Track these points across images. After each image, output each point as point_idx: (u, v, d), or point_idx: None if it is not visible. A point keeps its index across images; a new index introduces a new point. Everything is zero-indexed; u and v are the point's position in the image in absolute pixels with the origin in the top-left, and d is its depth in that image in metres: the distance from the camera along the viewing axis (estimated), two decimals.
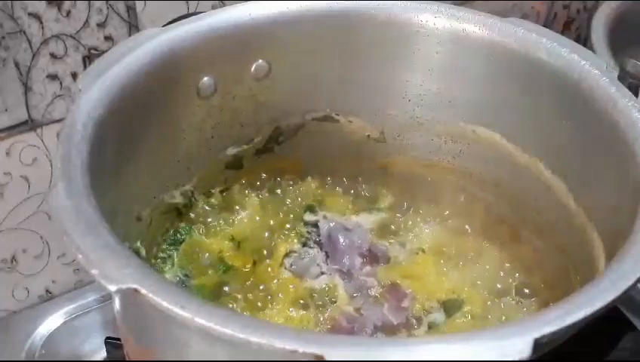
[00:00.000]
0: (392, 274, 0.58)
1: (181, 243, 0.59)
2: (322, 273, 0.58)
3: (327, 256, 0.59)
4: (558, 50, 0.54)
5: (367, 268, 0.59)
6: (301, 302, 0.56)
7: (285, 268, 0.58)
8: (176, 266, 0.57)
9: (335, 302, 0.56)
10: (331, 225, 0.61)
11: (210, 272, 0.57)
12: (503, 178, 0.60)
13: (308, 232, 0.61)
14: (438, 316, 0.55)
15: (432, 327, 0.55)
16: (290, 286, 0.57)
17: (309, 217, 0.62)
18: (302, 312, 0.55)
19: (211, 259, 0.58)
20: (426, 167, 0.63)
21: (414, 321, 0.55)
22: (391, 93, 0.61)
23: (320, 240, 0.60)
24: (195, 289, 0.56)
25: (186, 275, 0.57)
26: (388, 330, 0.54)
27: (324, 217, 0.62)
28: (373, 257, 0.59)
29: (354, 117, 0.62)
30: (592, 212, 0.51)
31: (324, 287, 0.57)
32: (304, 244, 0.60)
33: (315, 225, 0.61)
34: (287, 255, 0.59)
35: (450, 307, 0.56)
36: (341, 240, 0.59)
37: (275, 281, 0.57)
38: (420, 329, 0.54)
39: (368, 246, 0.59)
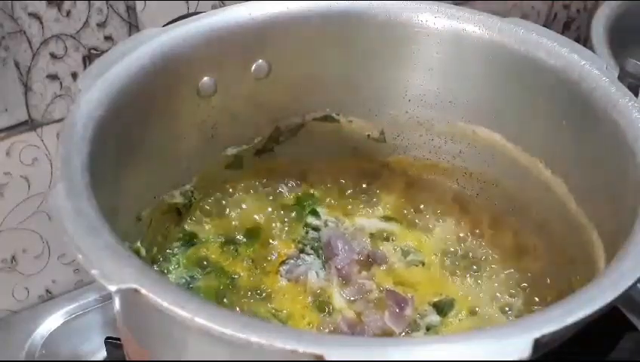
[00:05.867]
0: (389, 278, 0.58)
1: (192, 245, 0.59)
2: (319, 279, 0.58)
3: (325, 262, 0.59)
4: (558, 50, 0.54)
5: (365, 272, 0.58)
6: (300, 308, 0.56)
7: (281, 276, 0.58)
8: (182, 267, 0.57)
9: (333, 309, 0.56)
10: (332, 231, 0.61)
11: (210, 277, 0.57)
12: (503, 178, 0.60)
13: (308, 237, 0.61)
14: (434, 317, 0.55)
15: (430, 329, 0.55)
16: (289, 293, 0.57)
17: (311, 220, 0.62)
18: (302, 317, 0.55)
19: (211, 264, 0.58)
20: (426, 167, 0.63)
21: (412, 326, 0.55)
22: (391, 93, 0.61)
23: (318, 246, 0.60)
24: (201, 292, 0.56)
25: (191, 277, 0.57)
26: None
27: (326, 223, 0.62)
28: (371, 262, 0.59)
29: (354, 117, 0.62)
30: (592, 212, 0.51)
31: (322, 293, 0.57)
32: (301, 251, 0.60)
33: (316, 228, 0.61)
34: (283, 262, 0.59)
35: (442, 307, 0.56)
36: (340, 246, 0.59)
37: (273, 288, 0.57)
38: (419, 333, 0.54)
39: (367, 252, 0.59)
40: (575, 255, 0.53)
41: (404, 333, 0.54)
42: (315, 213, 0.62)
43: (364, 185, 0.65)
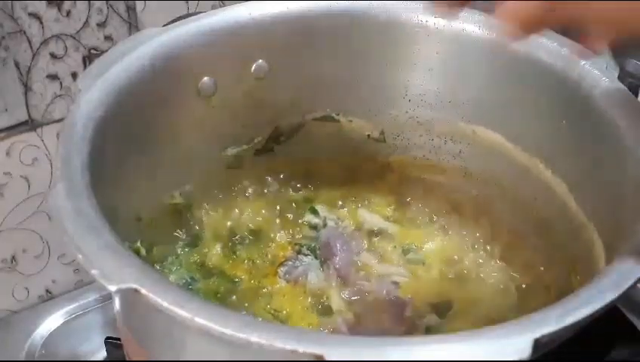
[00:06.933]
0: (389, 279, 0.58)
1: (192, 246, 0.59)
2: (318, 280, 0.58)
3: (323, 263, 0.59)
4: (558, 50, 0.54)
5: (363, 272, 0.58)
6: (300, 309, 0.56)
7: (280, 277, 0.58)
8: (182, 268, 0.57)
9: (332, 310, 0.56)
10: (330, 231, 0.61)
11: (211, 279, 0.57)
12: (503, 178, 0.60)
13: (306, 238, 0.61)
14: (433, 318, 0.55)
15: (429, 330, 0.55)
16: (288, 294, 0.57)
17: (310, 218, 0.62)
18: (301, 318, 0.55)
19: (211, 265, 0.58)
20: (426, 167, 0.63)
21: (411, 327, 0.55)
22: (391, 93, 0.61)
23: (315, 246, 0.60)
24: (201, 292, 0.56)
25: (192, 278, 0.57)
26: None
27: (325, 221, 0.62)
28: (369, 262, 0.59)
29: (354, 117, 0.62)
30: (592, 212, 0.51)
31: (321, 294, 0.57)
32: (298, 252, 0.60)
33: (315, 227, 0.61)
34: (281, 263, 0.59)
35: (441, 308, 0.56)
36: (339, 246, 0.59)
37: (273, 289, 0.57)
38: (419, 333, 0.54)
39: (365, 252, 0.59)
40: (575, 255, 0.53)
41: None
42: (314, 212, 0.62)
43: (364, 185, 0.65)
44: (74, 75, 0.63)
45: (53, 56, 0.62)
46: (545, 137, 0.56)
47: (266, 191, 0.63)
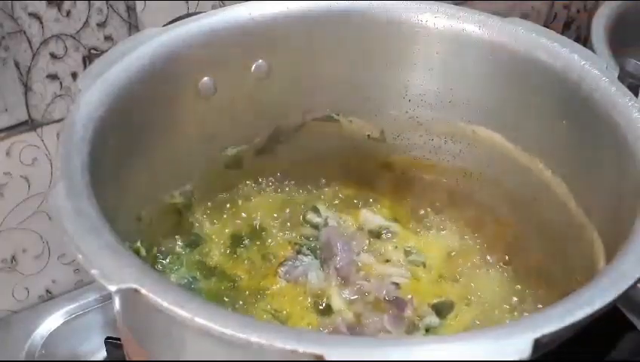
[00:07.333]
0: (389, 279, 0.58)
1: (193, 246, 0.59)
2: (319, 280, 0.58)
3: (324, 263, 0.59)
4: (558, 50, 0.54)
5: (363, 272, 0.58)
6: (300, 309, 0.56)
7: (280, 277, 0.58)
8: (184, 268, 0.57)
9: (332, 310, 0.56)
10: (331, 231, 0.61)
11: (211, 278, 0.57)
12: (503, 178, 0.60)
13: (306, 237, 0.61)
14: (433, 319, 0.55)
15: (429, 330, 0.55)
16: (288, 294, 0.57)
17: (311, 216, 0.62)
18: (301, 318, 0.55)
19: (212, 265, 0.58)
20: (426, 167, 0.63)
21: (411, 327, 0.55)
22: (391, 93, 0.61)
23: (315, 246, 0.60)
24: (202, 292, 0.56)
25: (193, 278, 0.57)
26: None
27: (326, 221, 0.62)
28: (370, 262, 0.59)
29: (354, 117, 0.62)
30: (592, 212, 0.51)
31: (321, 294, 0.57)
32: (299, 252, 0.60)
33: (316, 226, 0.61)
34: (281, 263, 0.59)
35: (441, 309, 0.56)
36: (339, 246, 0.59)
37: (273, 289, 0.57)
38: (418, 334, 0.54)
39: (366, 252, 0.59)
40: (575, 255, 0.53)
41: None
42: (316, 210, 0.62)
43: (364, 186, 0.65)
44: (74, 75, 0.63)
45: (53, 56, 0.62)
46: (545, 137, 0.56)
47: (265, 191, 0.63)
